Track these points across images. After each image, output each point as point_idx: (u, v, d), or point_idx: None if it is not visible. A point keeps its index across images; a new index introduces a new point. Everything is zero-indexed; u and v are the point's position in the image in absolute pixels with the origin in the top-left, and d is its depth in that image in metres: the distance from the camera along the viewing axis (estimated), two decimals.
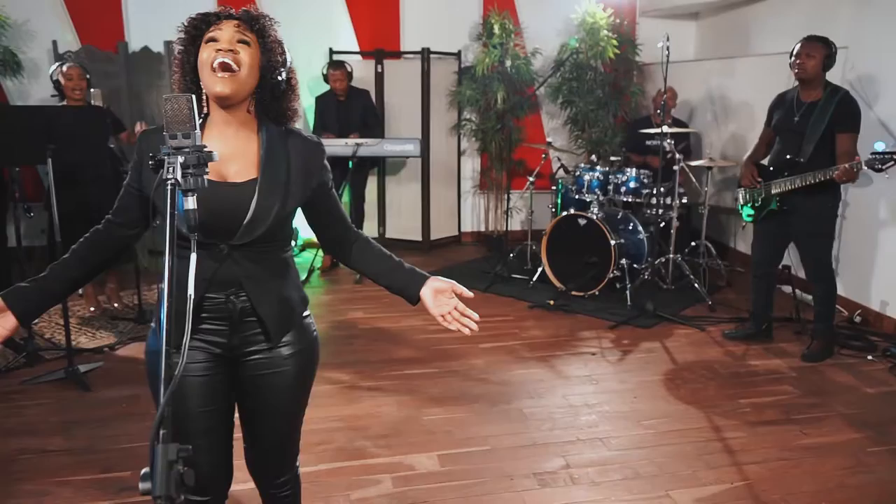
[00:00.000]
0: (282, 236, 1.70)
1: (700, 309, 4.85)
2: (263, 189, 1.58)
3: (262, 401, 1.74)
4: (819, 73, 3.74)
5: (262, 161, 1.61)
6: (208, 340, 1.66)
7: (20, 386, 3.58)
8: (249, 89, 1.58)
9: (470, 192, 6.88)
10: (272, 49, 1.59)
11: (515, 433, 3.15)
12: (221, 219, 1.53)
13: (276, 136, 1.65)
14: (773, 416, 3.33)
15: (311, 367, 1.83)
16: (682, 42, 6.81)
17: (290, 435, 1.85)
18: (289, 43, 1.69)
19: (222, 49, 1.52)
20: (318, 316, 4.76)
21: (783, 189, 3.81)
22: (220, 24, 1.56)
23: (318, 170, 1.71)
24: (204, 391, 1.67)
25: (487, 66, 6.13)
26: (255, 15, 1.60)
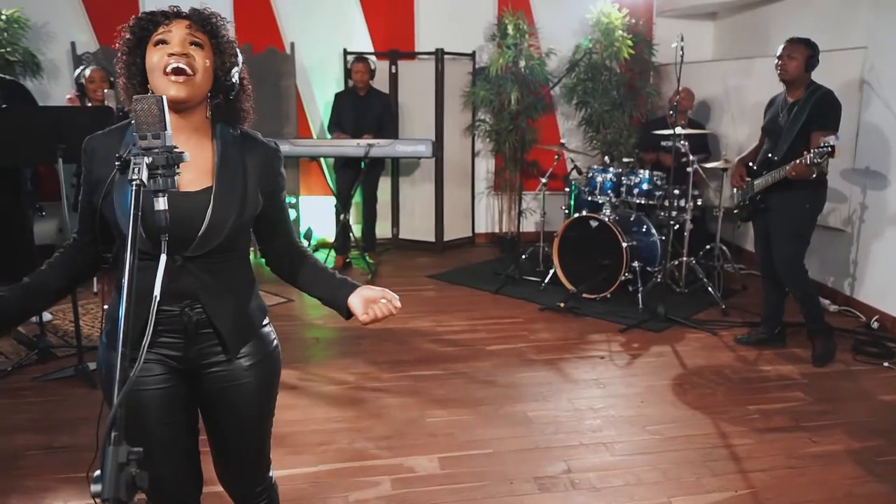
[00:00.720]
0: (240, 245, 1.63)
1: (713, 313, 4.79)
2: (218, 198, 1.52)
3: (225, 415, 1.70)
4: (801, 74, 3.77)
5: (217, 169, 1.55)
6: (164, 354, 1.60)
7: (31, 382, 3.62)
8: (204, 92, 1.53)
9: (484, 193, 6.86)
10: (225, 50, 1.53)
11: (518, 436, 3.12)
12: (175, 229, 1.38)
13: (232, 141, 1.60)
14: (781, 422, 3.27)
15: (273, 378, 1.77)
16: (699, 42, 6.75)
17: (257, 446, 1.79)
18: (303, 43, 1.69)
19: (175, 53, 1.45)
20: (328, 316, 4.77)
21: (759, 187, 3.89)
22: (170, 25, 1.48)
23: (274, 176, 1.65)
24: (162, 403, 1.61)
25: (501, 67, 6.10)
26: (206, 14, 1.53)
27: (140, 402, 1.57)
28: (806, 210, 3.83)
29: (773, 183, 3.79)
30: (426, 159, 6.10)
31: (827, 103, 3.72)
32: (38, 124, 3.51)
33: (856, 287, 4.82)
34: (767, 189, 3.86)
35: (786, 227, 3.87)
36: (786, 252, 3.89)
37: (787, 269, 3.91)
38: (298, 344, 4.24)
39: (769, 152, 3.90)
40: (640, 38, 6.20)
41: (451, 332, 4.47)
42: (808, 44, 3.76)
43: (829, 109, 3.71)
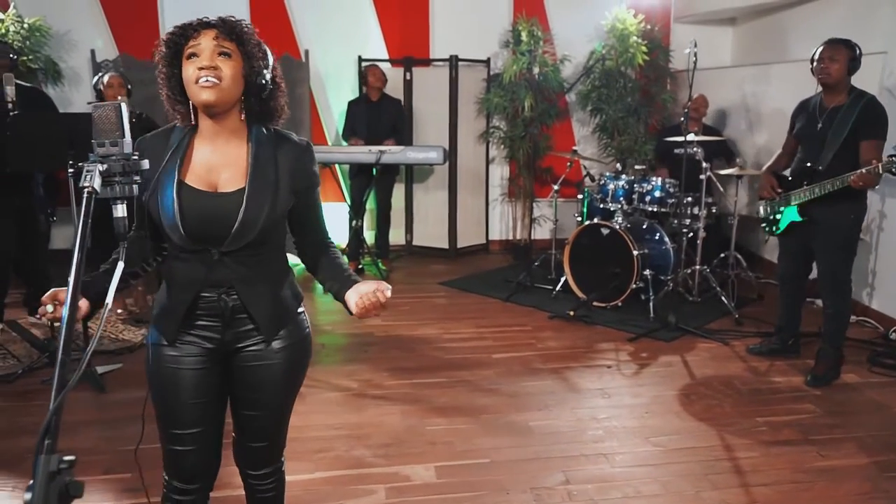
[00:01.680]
0: (275, 238, 1.74)
1: (726, 322, 4.71)
2: (251, 198, 1.62)
3: (250, 391, 1.80)
4: (843, 78, 3.57)
5: (250, 169, 1.65)
6: (202, 336, 1.73)
7: (40, 385, 3.68)
8: (235, 97, 1.62)
9: (498, 200, 6.83)
10: (253, 54, 1.61)
11: (517, 446, 3.09)
12: (211, 227, 1.60)
13: (265, 141, 1.69)
14: (789, 435, 3.19)
15: (302, 362, 1.87)
16: (718, 48, 6.68)
17: (276, 427, 1.88)
18: (319, 51, 1.73)
19: (204, 67, 1.55)
20: (337, 322, 4.79)
21: (801, 199, 3.65)
22: (199, 37, 1.58)
23: (306, 173, 1.74)
24: (196, 384, 1.74)
25: (515, 74, 6.08)
26: (232, 23, 1.61)
27: (175, 380, 1.73)
28: (851, 221, 3.64)
29: (820, 195, 3.56)
30: (440, 166, 6.10)
31: (875, 110, 3.52)
32: (51, 130, 3.57)
33: (874, 297, 4.71)
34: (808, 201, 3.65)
35: (833, 241, 3.66)
36: (833, 267, 3.70)
37: (832, 284, 3.71)
38: None
39: (807, 161, 3.68)
40: (655, 44, 6.15)
41: (458, 339, 4.45)
42: (849, 45, 3.56)
43: (877, 117, 3.51)
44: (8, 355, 4.08)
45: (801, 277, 3.95)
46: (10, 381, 3.70)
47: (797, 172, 3.74)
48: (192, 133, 1.68)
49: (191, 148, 1.67)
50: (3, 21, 5.42)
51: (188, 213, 1.60)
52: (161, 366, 1.75)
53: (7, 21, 5.43)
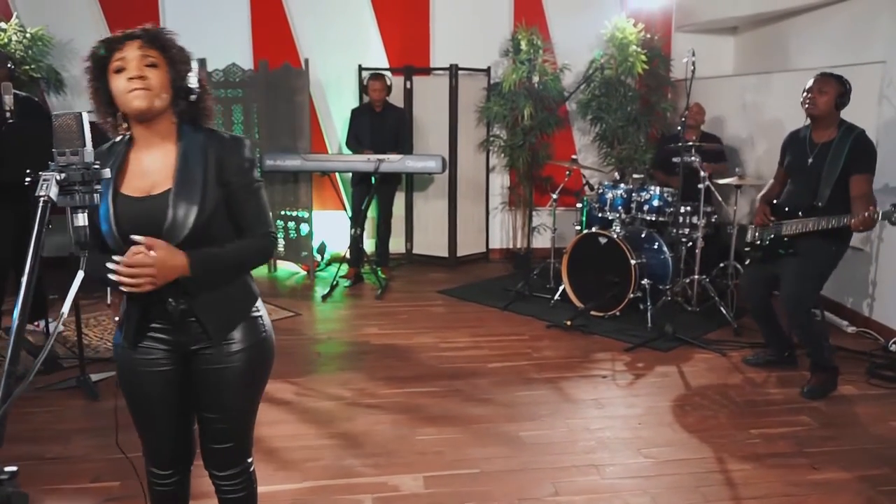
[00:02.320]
0: (218, 237, 1.74)
1: (725, 333, 4.67)
2: (176, 198, 1.66)
3: (209, 393, 1.84)
4: (831, 111, 3.57)
5: (177, 171, 1.69)
6: (159, 338, 1.80)
7: (34, 392, 3.68)
8: (165, 103, 1.68)
9: (499, 208, 6.82)
10: (177, 59, 1.68)
11: (508, 457, 3.07)
12: (144, 230, 1.63)
13: (194, 141, 1.74)
14: (783, 448, 3.16)
15: (260, 366, 1.89)
16: (720, 57, 6.66)
17: (238, 428, 1.90)
18: (319, 59, 1.77)
19: (133, 77, 1.61)
20: (334, 331, 4.79)
21: (795, 231, 3.63)
22: (124, 49, 1.62)
23: (233, 164, 1.75)
24: (161, 382, 1.82)
25: (514, 83, 6.08)
26: (154, 32, 1.68)
27: (141, 379, 1.82)
28: (832, 253, 3.64)
29: (814, 230, 3.55)
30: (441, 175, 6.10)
31: (864, 145, 3.53)
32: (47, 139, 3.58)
33: (875, 308, 4.67)
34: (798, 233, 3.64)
35: (805, 271, 3.64)
36: (798, 295, 3.66)
37: (795, 308, 3.67)
38: (300, 358, 4.24)
39: (802, 196, 3.67)
40: (655, 52, 6.14)
41: (454, 348, 4.43)
42: (840, 80, 3.56)
43: (866, 151, 3.53)
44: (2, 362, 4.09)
45: (766, 300, 3.93)
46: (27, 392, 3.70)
47: (792, 205, 3.72)
48: (128, 144, 1.74)
49: (127, 158, 1.73)
50: (6, 31, 5.47)
51: (122, 219, 1.65)
52: (127, 367, 1.82)
53: (10, 30, 5.48)
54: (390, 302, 5.46)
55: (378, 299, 5.51)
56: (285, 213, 6.18)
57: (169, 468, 1.95)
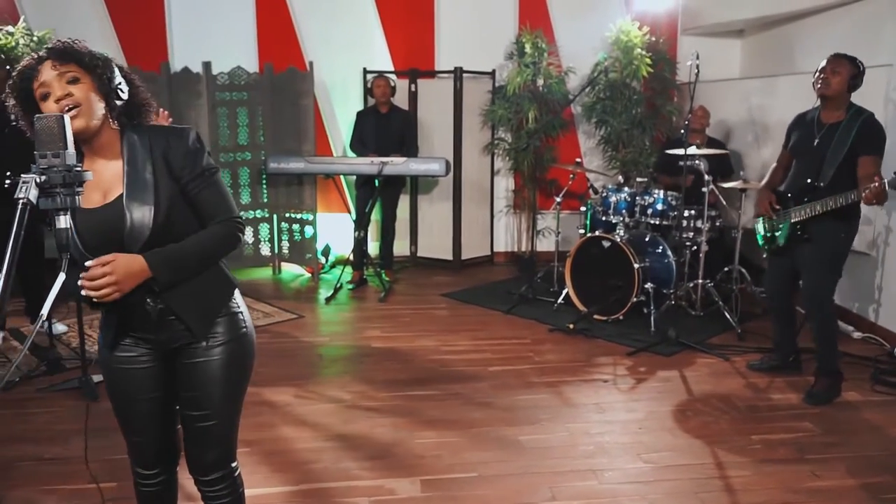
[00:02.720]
0: (183, 233, 1.73)
1: (728, 337, 4.64)
2: (129, 201, 1.65)
3: (190, 390, 1.83)
4: (843, 92, 3.52)
5: (126, 175, 1.68)
6: (140, 338, 1.81)
7: (36, 393, 3.70)
8: (101, 114, 1.66)
9: (503, 211, 6.81)
10: (94, 66, 1.65)
11: (506, 461, 3.06)
12: (106, 239, 1.64)
13: (139, 142, 1.72)
14: (785, 454, 3.13)
15: (241, 360, 1.88)
16: (726, 60, 6.63)
17: (220, 429, 1.88)
18: (324, 63, 1.74)
19: (59, 98, 1.59)
20: (336, 334, 4.78)
21: (803, 216, 3.59)
22: (40, 74, 1.60)
23: (179, 153, 1.73)
24: (143, 381, 1.83)
25: (519, 86, 6.07)
26: (62, 47, 1.64)
27: (125, 378, 1.83)
28: (841, 239, 3.58)
29: (822, 212, 3.50)
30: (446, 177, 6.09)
31: (874, 128, 3.48)
32: None
33: (881, 313, 4.62)
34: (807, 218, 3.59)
35: (820, 257, 3.60)
36: (817, 283, 3.63)
37: (814, 302, 3.64)
38: (301, 361, 4.24)
39: (806, 177, 3.62)
40: (660, 56, 6.12)
41: (455, 351, 4.42)
42: (854, 62, 3.52)
43: (876, 133, 3.47)
44: (7, 363, 4.12)
45: (789, 294, 3.88)
46: (6, 389, 3.72)
47: (796, 189, 3.67)
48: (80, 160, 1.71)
49: None
50: (13, 34, 5.51)
51: (85, 232, 1.65)
52: (109, 367, 1.83)
53: (17, 34, 5.52)
54: (393, 305, 5.46)
55: (381, 302, 5.50)
56: (290, 216, 6.20)
57: (153, 468, 1.95)
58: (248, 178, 6.16)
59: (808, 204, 3.56)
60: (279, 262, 6.35)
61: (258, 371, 3.90)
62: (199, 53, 5.81)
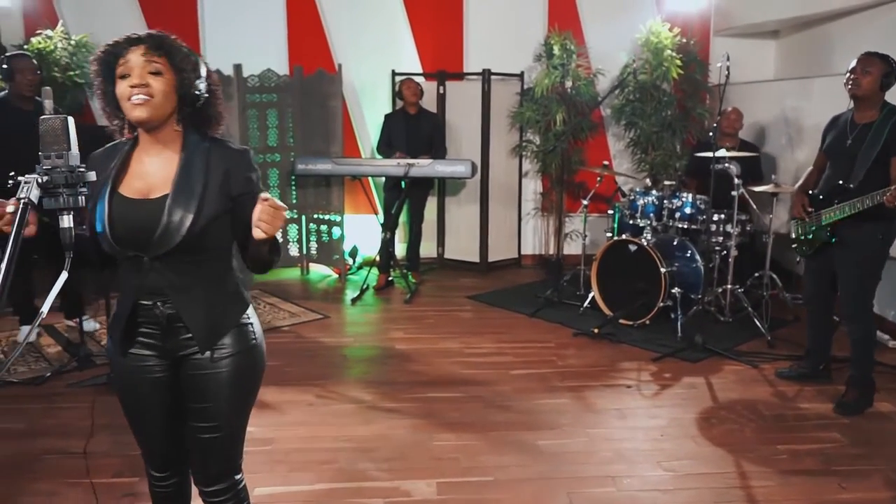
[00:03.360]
0: (213, 246, 1.74)
1: (758, 344, 4.54)
2: (173, 204, 1.65)
3: (196, 401, 1.81)
4: (875, 92, 3.42)
5: (177, 176, 1.68)
6: (147, 343, 1.79)
7: (66, 388, 3.79)
8: (168, 111, 1.67)
9: (531, 214, 6.78)
10: (183, 67, 1.66)
11: (524, 465, 3.04)
12: (139, 233, 1.63)
13: (199, 149, 1.72)
14: (811, 465, 3.05)
15: (249, 374, 1.85)
16: (761, 62, 6.51)
17: (225, 440, 1.85)
18: (353, 65, 1.74)
19: (135, 85, 1.60)
20: (360, 335, 4.81)
21: (833, 218, 3.50)
22: (128, 55, 1.62)
23: (241, 178, 1.74)
24: (152, 385, 1.81)
25: (546, 88, 6.04)
26: (160, 37, 1.66)
27: (132, 384, 1.81)
28: (878, 242, 3.47)
29: (850, 214, 3.42)
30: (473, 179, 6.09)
31: None
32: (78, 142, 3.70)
33: None
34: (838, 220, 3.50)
35: (856, 261, 3.51)
36: (855, 288, 3.54)
37: (853, 308, 3.55)
38: (324, 360, 4.27)
39: (839, 179, 3.53)
40: (691, 57, 6.03)
41: (477, 354, 4.41)
42: (886, 60, 3.42)
43: None
44: (41, 358, 4.23)
45: (828, 299, 3.79)
46: (38, 384, 3.82)
47: (827, 191, 3.59)
48: (133, 145, 1.75)
49: (129, 160, 1.73)
50: (52, 38, 5.66)
51: (117, 220, 1.65)
52: (118, 372, 1.84)
53: (55, 37, 5.67)
54: (419, 306, 5.47)
55: (407, 303, 5.52)
56: (317, 217, 6.25)
57: (164, 470, 1.94)
58: (277, 179, 6.23)
59: (839, 206, 3.47)
60: (307, 262, 6.41)
61: (283, 370, 3.99)
62: (230, 56, 5.89)
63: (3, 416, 3.45)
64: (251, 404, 1.90)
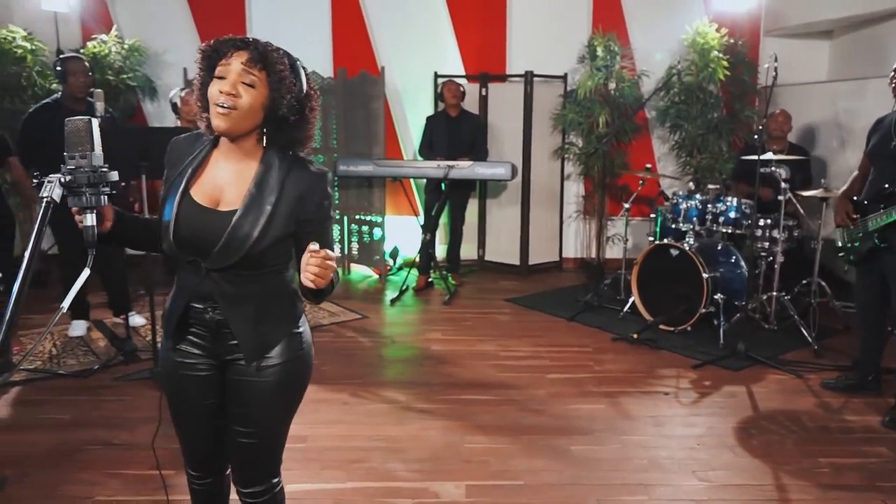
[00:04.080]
0: (270, 263, 1.73)
1: (804, 354, 4.41)
2: (240, 221, 1.63)
3: (238, 406, 1.81)
4: None
5: (249, 193, 1.66)
6: (196, 343, 1.80)
7: (112, 382, 3.91)
8: (250, 126, 1.64)
9: (573, 217, 6.72)
10: (279, 85, 1.62)
11: (554, 470, 3.01)
12: (202, 241, 1.64)
13: (276, 166, 1.69)
14: (853, 480, 2.95)
15: (293, 383, 1.84)
16: (813, 63, 6.34)
17: (265, 445, 1.86)
18: (396, 67, 1.71)
19: (224, 91, 1.58)
20: (398, 335, 4.84)
21: (879, 224, 3.38)
22: (230, 59, 1.60)
23: (311, 203, 1.70)
24: (199, 385, 1.82)
25: (589, 89, 5.98)
26: (264, 50, 1.62)
27: (179, 382, 1.83)
28: None
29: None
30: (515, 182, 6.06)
31: None
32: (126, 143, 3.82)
33: None
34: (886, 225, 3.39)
35: None
36: None
37: None
38: (361, 360, 4.31)
39: (884, 182, 3.43)
40: (740, 58, 5.89)
41: (514, 357, 4.39)
42: None
43: None
44: (89, 352, 4.38)
45: (881, 307, 3.65)
46: (86, 377, 3.96)
47: (872, 195, 3.47)
48: (212, 146, 1.74)
49: (207, 161, 1.73)
50: (106, 42, 5.86)
51: (183, 223, 1.65)
52: (167, 367, 1.85)
53: (109, 42, 5.86)
54: (457, 308, 5.48)
55: (445, 305, 5.53)
56: (359, 218, 6.32)
57: (200, 470, 1.96)
58: None
59: (885, 210, 3.35)
60: (349, 262, 6.48)
61: (320, 369, 4.04)
62: None
63: (52, 406, 3.58)
64: (293, 412, 1.89)
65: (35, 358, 4.25)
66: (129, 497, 2.78)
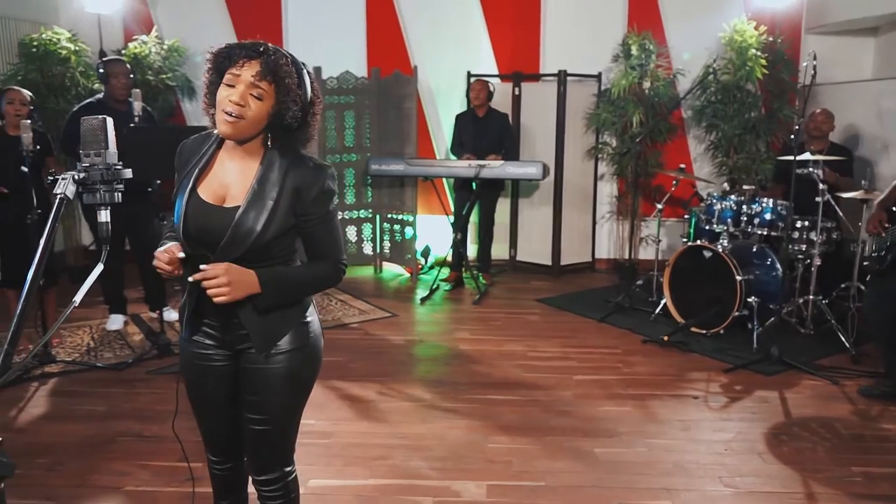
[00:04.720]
0: (276, 255, 1.79)
1: (841, 360, 4.29)
2: (243, 216, 1.70)
3: (250, 393, 1.87)
4: None
5: (251, 190, 1.72)
6: (209, 334, 1.87)
7: (145, 375, 4.01)
8: (255, 132, 1.70)
9: (606, 217, 6.65)
10: (286, 97, 1.66)
11: (577, 472, 2.99)
12: (209, 236, 1.71)
13: (277, 164, 1.74)
14: (888, 490, 2.86)
15: (305, 370, 1.90)
16: (857, 61, 6.16)
17: (277, 433, 1.91)
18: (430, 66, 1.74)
19: (232, 100, 1.62)
20: (426, 334, 4.85)
21: None
22: (241, 69, 1.63)
23: (309, 196, 1.75)
24: (215, 374, 1.89)
25: (624, 88, 5.91)
26: (275, 62, 1.64)
27: (199, 370, 1.90)
28: None
29: None
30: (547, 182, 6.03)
31: None
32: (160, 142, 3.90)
33: None
34: None
35: None
36: None
37: None
38: (389, 358, 4.33)
39: None
40: (779, 56, 5.76)
41: (541, 357, 4.37)
42: None
43: None
44: (125, 346, 4.49)
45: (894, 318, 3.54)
46: (120, 370, 4.06)
47: None
48: (218, 145, 1.80)
49: (213, 160, 1.79)
50: (147, 42, 5.99)
51: (191, 220, 1.72)
52: (185, 357, 1.92)
53: (150, 42, 6.00)
54: (487, 308, 5.47)
55: (475, 304, 5.53)
56: (391, 217, 6.35)
57: (219, 455, 2.04)
58: (353, 178, 6.38)
59: None
60: (380, 261, 6.52)
61: (347, 366, 4.08)
62: (312, 58, 6.02)
63: (88, 398, 3.69)
64: (303, 401, 1.95)
65: (73, 350, 4.37)
66: (158, 488, 2.84)
